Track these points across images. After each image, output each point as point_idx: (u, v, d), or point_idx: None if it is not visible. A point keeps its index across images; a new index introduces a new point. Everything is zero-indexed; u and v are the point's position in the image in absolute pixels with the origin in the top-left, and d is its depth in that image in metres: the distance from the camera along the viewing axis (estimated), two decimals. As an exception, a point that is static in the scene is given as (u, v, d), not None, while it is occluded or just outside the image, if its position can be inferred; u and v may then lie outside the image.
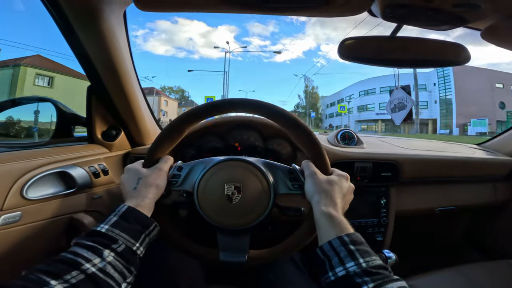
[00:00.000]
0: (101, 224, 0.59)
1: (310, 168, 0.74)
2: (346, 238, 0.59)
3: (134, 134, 1.22)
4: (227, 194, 0.75)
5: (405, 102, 1.08)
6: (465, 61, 0.93)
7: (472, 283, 1.08)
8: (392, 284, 0.49)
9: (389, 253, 1.13)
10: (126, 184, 0.74)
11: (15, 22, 43.89)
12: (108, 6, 0.82)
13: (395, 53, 0.92)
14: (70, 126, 1.11)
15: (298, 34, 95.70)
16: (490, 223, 1.70)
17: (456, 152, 1.59)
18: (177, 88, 60.17)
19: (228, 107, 0.78)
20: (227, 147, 1.29)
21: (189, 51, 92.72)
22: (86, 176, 0.96)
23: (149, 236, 0.64)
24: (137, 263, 0.60)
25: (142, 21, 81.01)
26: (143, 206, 0.66)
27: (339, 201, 0.69)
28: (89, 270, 0.49)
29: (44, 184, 0.86)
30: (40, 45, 40.77)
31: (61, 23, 0.84)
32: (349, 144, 1.43)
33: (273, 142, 1.29)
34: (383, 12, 0.78)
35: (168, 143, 0.79)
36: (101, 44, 0.89)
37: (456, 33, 19.84)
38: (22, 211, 0.78)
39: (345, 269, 0.54)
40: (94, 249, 0.53)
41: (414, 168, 1.35)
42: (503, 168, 1.54)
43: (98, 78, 0.99)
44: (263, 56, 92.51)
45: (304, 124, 0.76)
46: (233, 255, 0.76)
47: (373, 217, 1.32)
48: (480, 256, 1.73)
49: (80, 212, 0.94)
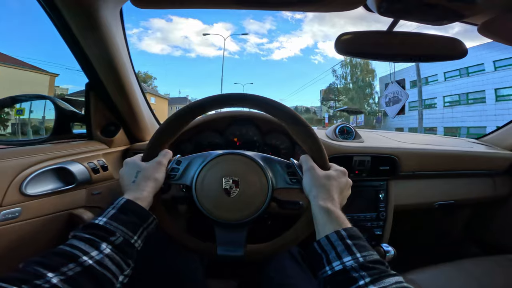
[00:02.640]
0: (99, 217, 0.59)
1: (308, 162, 0.74)
2: (343, 232, 0.59)
3: (133, 130, 1.23)
4: (225, 188, 0.75)
5: (399, 96, 1.09)
6: (462, 55, 0.93)
7: (472, 278, 1.08)
8: (389, 279, 0.50)
9: (388, 247, 1.14)
10: (125, 177, 0.75)
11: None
12: (104, 3, 0.82)
13: (392, 48, 0.92)
14: (69, 123, 1.12)
15: (295, 31, 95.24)
16: (490, 218, 1.71)
17: (454, 146, 1.59)
18: (144, 74, 43.61)
19: (226, 101, 0.79)
20: (225, 142, 1.29)
21: (185, 49, 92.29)
22: (86, 172, 0.96)
23: (147, 229, 0.64)
24: (135, 256, 0.60)
25: (136, 20, 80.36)
26: (141, 199, 0.66)
27: (336, 196, 0.69)
28: (86, 263, 0.50)
29: (44, 180, 0.87)
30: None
31: (57, 21, 0.85)
32: (347, 138, 1.43)
33: (272, 137, 1.30)
34: (379, 7, 0.78)
35: (167, 137, 0.79)
36: (98, 41, 0.89)
37: (455, 30, 19.25)
38: (21, 207, 0.79)
39: (342, 264, 0.54)
40: (92, 241, 0.53)
41: (413, 161, 1.36)
42: (502, 162, 1.54)
43: (96, 74, 0.99)
44: (260, 54, 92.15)
45: (302, 118, 0.76)
46: (230, 249, 0.76)
47: (372, 211, 1.32)
48: (479, 251, 1.73)
49: (79, 208, 0.95)
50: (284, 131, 1.25)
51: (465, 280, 1.08)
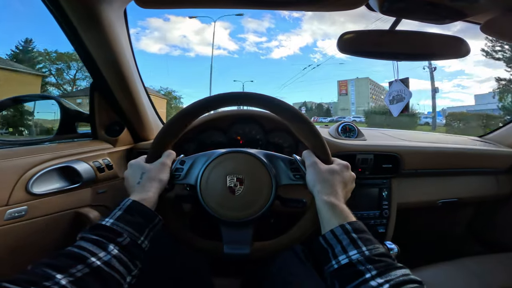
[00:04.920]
0: (106, 218, 0.60)
1: (311, 158, 0.74)
2: (348, 226, 0.59)
3: (137, 129, 1.24)
4: (230, 186, 0.75)
5: (403, 94, 1.09)
6: (465, 54, 0.93)
7: (474, 276, 1.08)
8: (395, 272, 0.50)
9: (391, 245, 1.14)
10: (130, 179, 0.75)
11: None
12: (109, 4, 0.83)
13: (394, 47, 0.93)
14: (74, 123, 1.13)
15: (294, 29, 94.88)
16: (493, 216, 1.70)
17: (457, 144, 1.59)
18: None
19: (228, 100, 0.79)
20: (229, 141, 1.30)
21: (184, 49, 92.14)
22: (91, 171, 0.97)
23: (153, 229, 0.65)
24: (142, 256, 0.61)
25: (133, 19, 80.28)
26: (147, 200, 0.66)
27: (340, 190, 0.69)
28: (94, 264, 0.50)
29: (49, 179, 0.88)
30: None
31: (62, 22, 0.85)
32: (350, 137, 1.43)
33: (275, 135, 1.30)
34: (381, 6, 0.78)
35: (170, 138, 0.80)
36: (102, 41, 0.90)
37: (457, 27, 19.08)
38: (27, 205, 0.80)
39: (348, 257, 0.54)
40: (99, 242, 0.54)
41: (416, 159, 1.36)
42: (505, 160, 1.53)
43: (101, 75, 1.00)
44: (260, 53, 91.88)
45: (303, 115, 0.77)
46: (237, 247, 0.76)
47: (375, 209, 1.33)
48: (482, 249, 1.72)
49: (85, 207, 0.96)
50: (287, 129, 1.25)
51: (468, 278, 1.08)
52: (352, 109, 57.11)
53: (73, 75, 25.66)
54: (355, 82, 58.14)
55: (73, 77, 25.74)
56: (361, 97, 57.45)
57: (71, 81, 25.90)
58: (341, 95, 58.50)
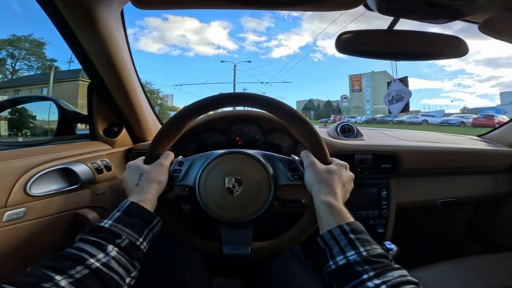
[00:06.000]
0: (105, 220, 0.60)
1: (309, 158, 0.74)
2: (346, 227, 0.59)
3: (135, 130, 1.23)
4: (228, 187, 0.75)
5: (402, 94, 1.09)
6: (464, 53, 0.93)
7: (474, 276, 1.08)
8: (393, 273, 0.50)
9: (390, 245, 1.14)
10: (128, 180, 0.75)
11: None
12: (106, 5, 0.83)
13: (393, 46, 0.93)
14: (72, 124, 1.13)
15: (294, 28, 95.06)
16: (492, 215, 1.70)
17: (456, 143, 1.59)
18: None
19: (225, 101, 0.79)
20: (227, 142, 1.30)
21: (184, 48, 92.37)
22: (89, 172, 0.97)
23: (152, 231, 0.65)
24: (141, 257, 0.61)
25: (131, 19, 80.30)
26: (146, 202, 0.66)
27: (339, 190, 0.69)
28: (93, 265, 0.50)
29: (48, 180, 0.87)
30: None
31: (59, 23, 0.85)
32: (348, 137, 1.44)
33: (273, 136, 1.30)
34: (379, 6, 0.78)
35: (168, 139, 0.79)
36: (100, 42, 0.90)
37: (458, 26, 19.24)
38: (26, 207, 0.80)
39: (345, 258, 0.54)
40: (98, 244, 0.54)
41: (414, 159, 1.36)
42: (505, 159, 1.54)
43: (98, 76, 1.00)
44: (259, 53, 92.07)
45: (301, 115, 0.76)
46: (236, 247, 0.76)
47: (374, 209, 1.33)
48: (482, 249, 1.72)
49: (84, 208, 0.96)
50: (286, 130, 1.25)
51: (468, 277, 1.08)
52: (367, 107, 54.13)
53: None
54: (370, 76, 54.79)
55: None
56: (378, 93, 53.80)
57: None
58: (354, 91, 54.92)
